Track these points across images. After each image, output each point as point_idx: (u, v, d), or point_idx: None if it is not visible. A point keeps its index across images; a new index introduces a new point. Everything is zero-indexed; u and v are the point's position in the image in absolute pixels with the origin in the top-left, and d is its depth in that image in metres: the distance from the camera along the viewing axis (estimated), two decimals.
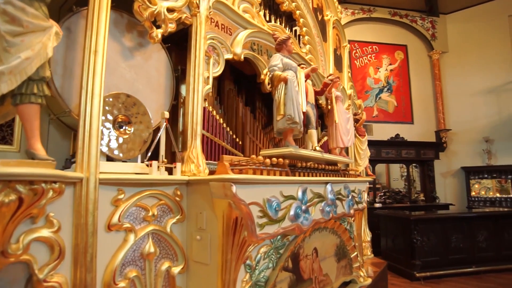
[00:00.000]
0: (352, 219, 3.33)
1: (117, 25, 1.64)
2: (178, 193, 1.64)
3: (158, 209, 1.55)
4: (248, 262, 1.71)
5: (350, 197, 2.99)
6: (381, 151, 7.33)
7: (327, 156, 2.57)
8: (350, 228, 3.26)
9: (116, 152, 1.47)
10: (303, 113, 2.53)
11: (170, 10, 1.72)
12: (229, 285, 1.53)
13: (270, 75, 2.20)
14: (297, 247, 2.26)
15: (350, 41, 8.41)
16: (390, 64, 8.78)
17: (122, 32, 1.67)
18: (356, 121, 4.53)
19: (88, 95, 1.28)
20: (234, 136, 2.36)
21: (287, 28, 3.29)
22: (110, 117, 1.47)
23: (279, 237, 2.00)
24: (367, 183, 3.60)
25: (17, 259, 1.04)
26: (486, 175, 7.59)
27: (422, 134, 8.15)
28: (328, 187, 2.51)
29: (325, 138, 3.72)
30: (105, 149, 1.43)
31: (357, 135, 4.45)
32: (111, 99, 1.48)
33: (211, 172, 1.84)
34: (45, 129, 1.58)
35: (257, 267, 1.79)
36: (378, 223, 6.08)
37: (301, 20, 3.38)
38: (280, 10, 3.20)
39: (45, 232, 1.12)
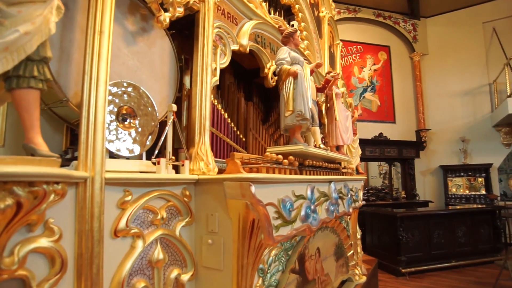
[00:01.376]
0: (349, 217, 3.32)
1: (119, 5, 1.46)
2: (187, 193, 1.50)
3: (166, 211, 1.40)
4: (261, 266, 1.61)
5: (349, 196, 2.95)
6: (365, 150, 7.45)
7: (332, 154, 2.51)
8: (347, 226, 3.24)
9: (120, 148, 1.31)
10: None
11: None
12: None
13: (278, 69, 2.09)
14: (303, 247, 2.18)
15: None
16: (374, 64, 8.95)
17: (124, 14, 1.49)
18: None
19: (92, 82, 1.11)
20: (238, 132, 2.23)
21: (285, 21, 3.18)
22: (114, 108, 1.30)
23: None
24: (362, 181, 3.61)
25: (11, 275, 0.86)
26: (462, 173, 7.95)
27: (404, 133, 8.40)
28: (332, 185, 2.45)
29: (320, 136, 3.68)
30: (108, 145, 1.26)
31: None
32: (115, 88, 1.31)
33: (219, 171, 1.71)
34: None
35: (269, 271, 1.68)
36: (363, 220, 6.17)
37: (300, 14, 3.30)
38: (279, 4, 3.09)
39: (44, 242, 0.94)
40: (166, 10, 1.52)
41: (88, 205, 1.06)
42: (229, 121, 2.12)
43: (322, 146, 2.44)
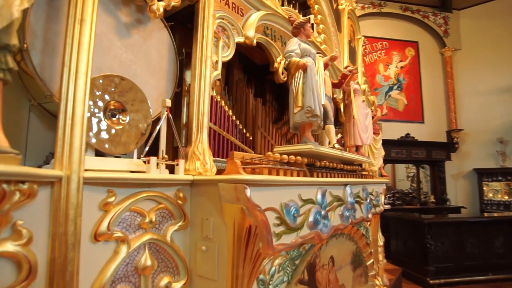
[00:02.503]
0: (368, 223, 3.08)
1: None
2: (181, 195, 1.39)
3: (156, 214, 1.30)
4: (261, 276, 1.46)
5: (368, 200, 2.73)
6: (391, 151, 7.05)
7: (348, 154, 2.31)
8: (366, 233, 3.00)
9: (107, 145, 1.22)
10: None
11: None
12: None
13: (286, 62, 1.94)
14: (314, 256, 2.00)
15: None
16: (401, 61, 8.47)
17: (118, 5, 1.41)
18: None
19: (71, 74, 1.03)
20: (244, 131, 2.10)
21: (301, 15, 3.02)
22: (100, 103, 1.22)
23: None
24: (384, 184, 3.34)
25: None
26: (500, 177, 7.29)
27: (433, 134, 7.86)
28: (348, 189, 2.25)
29: (339, 136, 3.47)
30: (93, 142, 1.18)
31: None
32: (101, 81, 1.23)
33: (219, 171, 1.59)
34: (24, 117, 1.33)
35: (271, 282, 1.54)
36: (387, 226, 5.82)
37: (316, 6, 3.12)
38: None
39: (10, 246, 0.87)
40: None
41: (63, 207, 0.98)
42: (234, 119, 1.99)
43: (336, 146, 2.25)
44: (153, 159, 1.30)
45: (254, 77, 2.84)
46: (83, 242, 1.05)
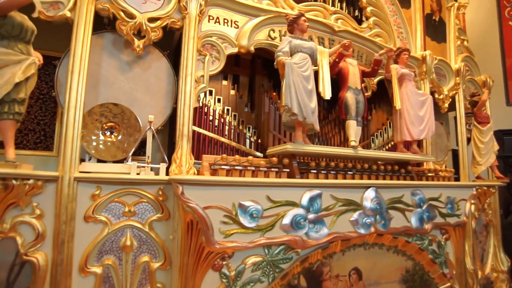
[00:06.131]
0: (444, 237, 2.46)
1: (116, 44, 1.89)
2: (160, 192, 1.71)
3: (138, 206, 1.67)
4: (224, 270, 1.58)
5: (424, 207, 2.22)
6: None
7: (364, 152, 2.00)
8: (439, 249, 2.41)
9: (102, 154, 1.70)
10: (342, 100, 2.11)
11: (155, 19, 1.83)
12: None
13: (275, 62, 1.95)
14: (317, 263, 1.88)
15: None
16: None
17: (121, 49, 1.90)
18: (473, 104, 3.30)
19: (65, 107, 1.55)
20: (250, 135, 2.22)
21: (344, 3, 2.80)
22: (98, 124, 1.72)
23: (279, 249, 1.73)
24: (474, 189, 2.55)
25: (6, 235, 1.39)
26: None
27: None
28: (370, 192, 1.97)
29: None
30: (92, 152, 1.68)
31: (476, 123, 3.23)
32: (99, 109, 1.72)
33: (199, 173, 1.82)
34: None
35: (238, 279, 1.61)
36: None
37: None
38: None
39: (27, 217, 1.44)
40: (145, 36, 1.82)
41: (58, 196, 1.49)
42: (235, 124, 2.15)
43: (353, 143, 2.00)
44: (133, 163, 1.69)
45: None
46: (78, 222, 1.54)
